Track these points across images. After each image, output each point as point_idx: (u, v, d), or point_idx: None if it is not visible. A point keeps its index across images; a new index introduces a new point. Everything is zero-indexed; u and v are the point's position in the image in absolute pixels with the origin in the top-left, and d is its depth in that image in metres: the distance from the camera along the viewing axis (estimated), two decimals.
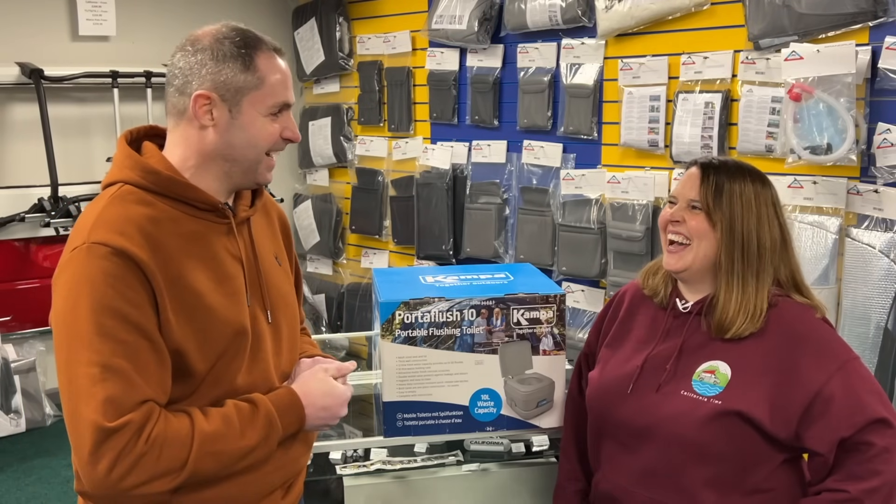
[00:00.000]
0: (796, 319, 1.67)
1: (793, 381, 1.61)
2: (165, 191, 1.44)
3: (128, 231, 1.37)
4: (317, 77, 4.52)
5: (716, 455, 1.63)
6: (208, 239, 1.47)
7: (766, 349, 1.65)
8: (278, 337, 1.58)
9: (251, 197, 1.60)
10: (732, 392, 1.63)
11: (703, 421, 1.63)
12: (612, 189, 3.28)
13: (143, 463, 1.30)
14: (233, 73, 1.43)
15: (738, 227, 1.69)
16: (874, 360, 2.47)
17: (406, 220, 4.13)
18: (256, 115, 1.46)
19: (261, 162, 1.50)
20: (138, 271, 1.35)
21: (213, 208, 1.48)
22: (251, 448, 1.42)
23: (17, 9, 4.01)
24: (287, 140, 1.51)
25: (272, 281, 1.57)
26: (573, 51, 3.40)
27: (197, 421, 1.38)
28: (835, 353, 1.63)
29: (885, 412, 1.58)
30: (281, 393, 1.51)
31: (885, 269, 2.46)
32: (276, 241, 1.68)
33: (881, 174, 2.51)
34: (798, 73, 2.57)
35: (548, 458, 2.18)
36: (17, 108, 4.07)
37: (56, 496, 3.44)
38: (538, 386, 1.97)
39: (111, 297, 1.33)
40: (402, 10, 4.09)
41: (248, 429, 1.42)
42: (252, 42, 1.46)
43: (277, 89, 1.47)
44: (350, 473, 2.06)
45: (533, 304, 1.94)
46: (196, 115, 1.44)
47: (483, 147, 3.80)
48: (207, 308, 1.41)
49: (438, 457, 2.16)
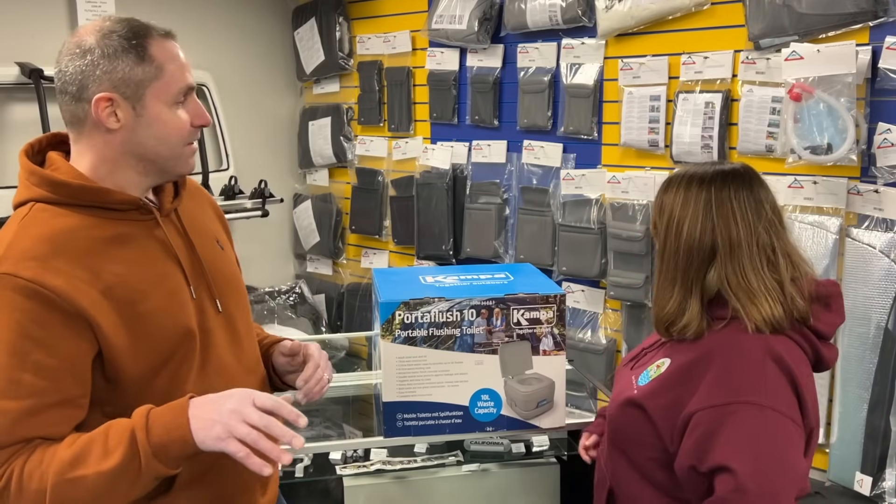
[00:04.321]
0: (731, 343, 1.59)
1: (688, 397, 1.58)
2: (78, 200, 1.36)
3: (42, 255, 1.30)
4: (317, 77, 4.52)
5: (622, 439, 1.71)
6: (136, 239, 1.40)
7: (691, 360, 1.62)
8: (232, 325, 1.51)
9: (174, 187, 1.53)
10: (651, 388, 1.66)
11: (620, 404, 1.71)
12: (613, 189, 3.28)
13: (4, 500, 1.26)
14: (129, 67, 1.36)
15: (664, 234, 1.68)
16: (874, 360, 2.46)
17: (406, 220, 4.13)
18: (162, 107, 1.39)
19: (178, 156, 1.43)
20: (53, 302, 1.27)
21: (133, 206, 1.40)
22: (111, 472, 1.25)
23: (17, 9, 4.00)
24: (199, 126, 1.43)
25: (216, 266, 1.51)
26: (573, 51, 3.39)
27: (61, 448, 1.27)
28: (733, 390, 1.53)
29: (735, 463, 1.47)
30: (175, 402, 1.33)
31: (886, 270, 2.46)
32: (213, 225, 1.61)
33: (881, 174, 2.51)
34: (798, 73, 2.57)
35: (548, 458, 2.19)
36: (17, 108, 4.07)
37: None
38: (538, 386, 1.97)
39: (15, 334, 1.26)
40: (402, 10, 4.09)
41: (114, 450, 1.26)
42: (140, 31, 1.40)
43: (177, 75, 1.40)
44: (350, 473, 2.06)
45: (533, 305, 1.94)
46: (100, 119, 1.36)
47: (483, 147, 3.80)
48: (145, 314, 1.35)
49: (438, 457, 2.16)
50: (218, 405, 1.29)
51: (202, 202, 1.64)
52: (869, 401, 2.47)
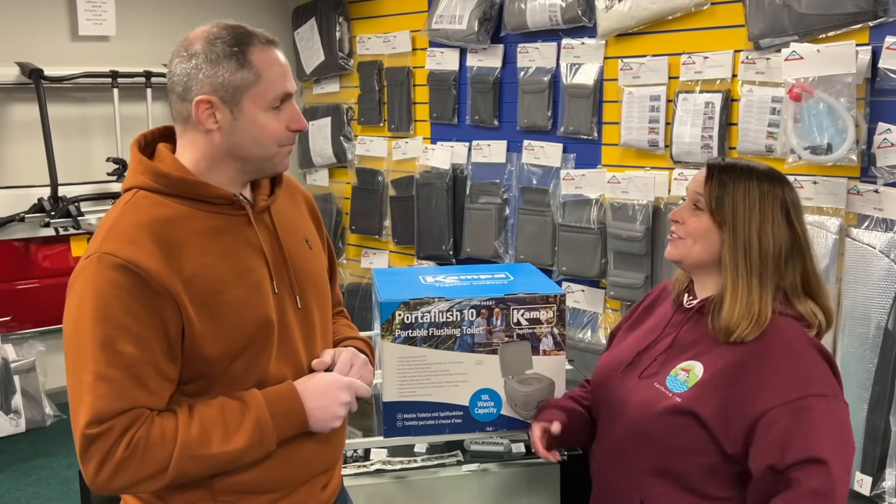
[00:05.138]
0: (781, 339, 1.62)
1: (751, 397, 1.58)
2: (178, 191, 1.46)
3: (138, 239, 1.40)
4: (317, 77, 4.52)
5: (662, 448, 1.65)
6: (228, 233, 1.48)
7: (739, 361, 1.62)
8: (309, 322, 1.59)
9: (270, 185, 1.60)
10: (695, 393, 1.63)
11: (659, 414, 1.65)
12: (612, 189, 3.28)
13: (125, 467, 1.36)
14: (229, 73, 1.43)
15: (740, 228, 1.67)
16: (874, 360, 2.47)
17: (406, 220, 4.13)
18: (258, 112, 1.46)
19: (273, 156, 1.51)
20: (146, 281, 1.37)
21: (228, 202, 1.49)
22: (238, 452, 1.43)
23: (17, 9, 4.01)
24: (295, 131, 1.51)
25: (300, 266, 1.58)
26: (573, 51, 3.39)
27: (181, 425, 1.40)
28: (800, 384, 1.57)
29: (826, 454, 1.51)
30: (282, 391, 1.50)
31: (886, 269, 2.46)
32: (305, 224, 1.68)
33: (881, 174, 2.51)
34: (798, 73, 2.57)
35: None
36: (17, 108, 4.07)
37: (56, 496, 3.44)
38: (538, 386, 1.97)
39: (115, 308, 1.36)
40: (402, 10, 4.09)
41: (235, 433, 1.42)
42: (244, 38, 1.46)
43: (276, 81, 1.46)
44: (350, 473, 2.06)
45: (533, 305, 1.94)
46: (200, 120, 1.45)
47: (483, 147, 3.80)
48: (227, 303, 1.43)
49: (438, 457, 2.16)
50: (331, 398, 1.52)
51: (298, 200, 1.71)
52: (869, 401, 2.48)
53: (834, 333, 2.58)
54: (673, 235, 1.76)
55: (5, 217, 3.82)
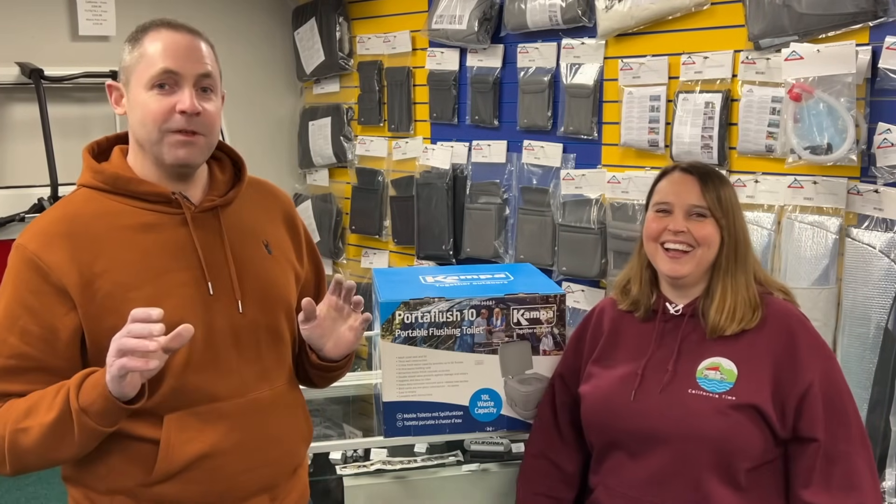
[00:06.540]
0: (787, 313, 1.73)
1: (793, 372, 1.65)
2: (114, 188, 1.46)
3: (52, 231, 1.41)
4: (317, 77, 4.52)
5: (732, 450, 1.62)
6: (155, 231, 1.45)
7: (766, 343, 1.68)
8: (253, 328, 1.51)
9: (230, 185, 1.55)
10: (743, 387, 1.65)
11: (719, 415, 1.63)
12: (613, 189, 3.28)
13: None
14: (126, 56, 1.47)
15: (733, 228, 1.74)
16: (874, 360, 2.46)
17: (406, 220, 4.13)
18: (140, 91, 1.44)
19: (158, 141, 1.43)
20: (45, 274, 1.38)
21: (164, 200, 1.46)
22: (52, 423, 1.34)
23: (17, 9, 4.00)
24: (182, 113, 1.41)
25: (251, 270, 1.51)
26: (573, 51, 3.39)
27: (20, 401, 1.39)
28: (824, 353, 1.71)
29: (854, 417, 1.69)
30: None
31: (886, 270, 2.46)
32: (271, 229, 1.61)
33: (881, 174, 2.51)
34: (798, 73, 2.56)
35: None
36: (17, 108, 4.07)
37: (56, 496, 3.44)
38: (538, 386, 1.97)
39: (14, 299, 1.40)
40: (402, 10, 4.09)
41: (50, 405, 1.35)
42: (149, 25, 1.48)
43: (155, 58, 1.43)
44: (350, 473, 2.06)
45: (533, 304, 1.94)
46: (113, 106, 1.51)
47: (483, 147, 3.80)
48: (134, 301, 1.37)
49: (438, 457, 2.16)
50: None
51: (270, 206, 1.64)
52: (869, 401, 2.48)
53: (834, 333, 2.58)
54: (676, 251, 1.71)
55: (5, 217, 3.82)
